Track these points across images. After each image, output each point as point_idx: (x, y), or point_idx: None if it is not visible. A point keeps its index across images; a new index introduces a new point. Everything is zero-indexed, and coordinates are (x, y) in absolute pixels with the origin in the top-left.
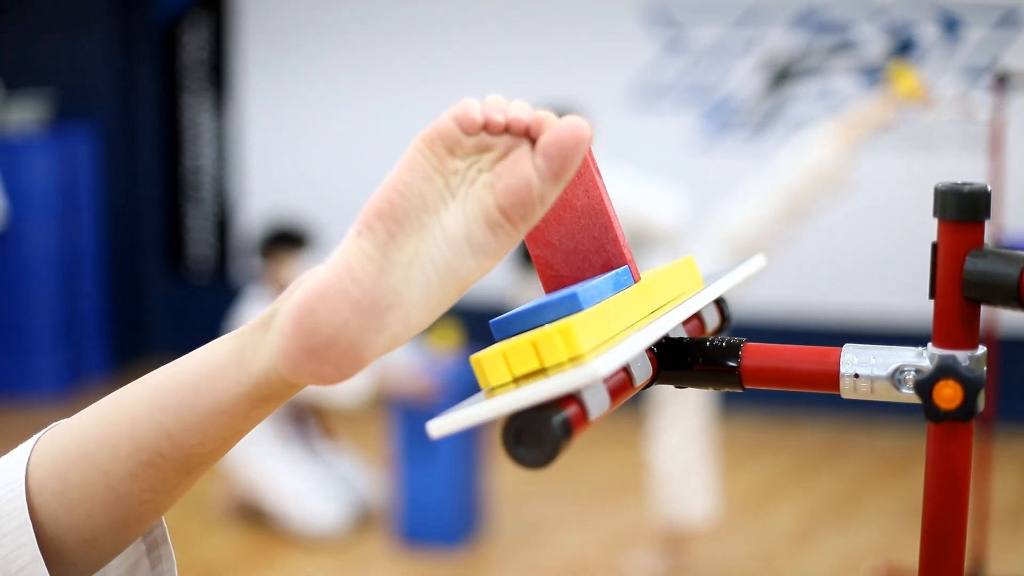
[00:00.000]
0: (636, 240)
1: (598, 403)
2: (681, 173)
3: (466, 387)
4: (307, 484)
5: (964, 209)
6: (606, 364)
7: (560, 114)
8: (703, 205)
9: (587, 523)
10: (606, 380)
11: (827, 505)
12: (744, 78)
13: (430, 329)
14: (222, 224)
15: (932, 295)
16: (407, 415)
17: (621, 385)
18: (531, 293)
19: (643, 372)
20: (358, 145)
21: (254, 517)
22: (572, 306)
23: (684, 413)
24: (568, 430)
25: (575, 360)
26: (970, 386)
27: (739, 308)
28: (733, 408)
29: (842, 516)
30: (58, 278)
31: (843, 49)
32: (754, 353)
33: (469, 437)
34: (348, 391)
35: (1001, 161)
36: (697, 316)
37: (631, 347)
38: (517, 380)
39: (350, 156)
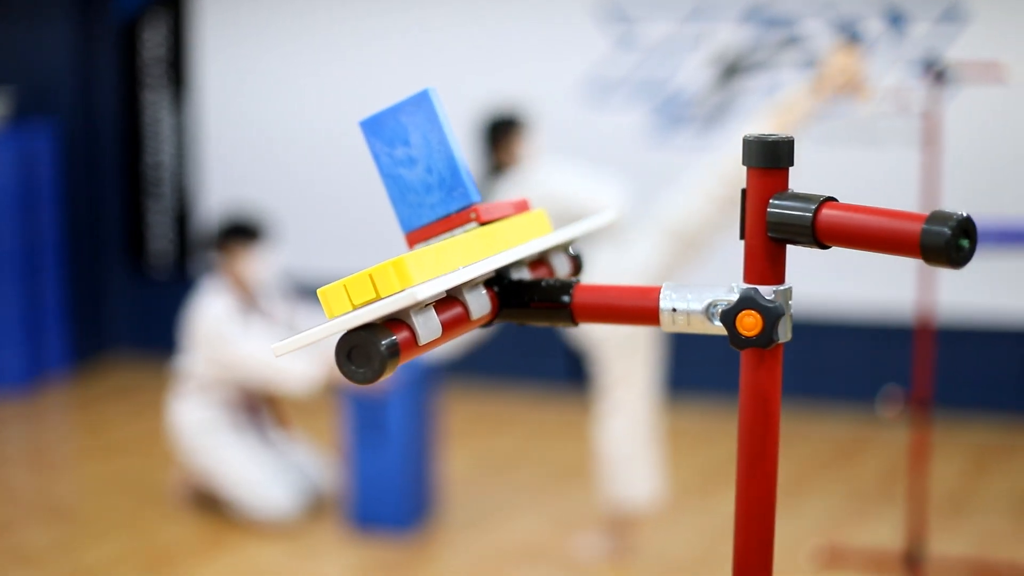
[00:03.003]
0: None
1: (429, 330)
2: (633, 167)
3: (416, 372)
4: (260, 471)
5: (768, 157)
6: (427, 289)
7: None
8: (654, 198)
9: (537, 508)
10: (440, 311)
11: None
12: (694, 73)
13: None
14: (182, 219)
15: (742, 236)
16: (358, 402)
17: (457, 318)
18: None
19: (481, 307)
20: (314, 140)
21: (208, 504)
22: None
23: (628, 398)
24: (395, 351)
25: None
26: (769, 315)
27: None
28: (682, 396)
29: (788, 500)
30: (19, 273)
31: (791, 43)
32: (584, 291)
33: (421, 423)
34: (299, 379)
35: (937, 153)
36: (547, 265)
37: (455, 277)
38: (356, 309)
39: (306, 150)
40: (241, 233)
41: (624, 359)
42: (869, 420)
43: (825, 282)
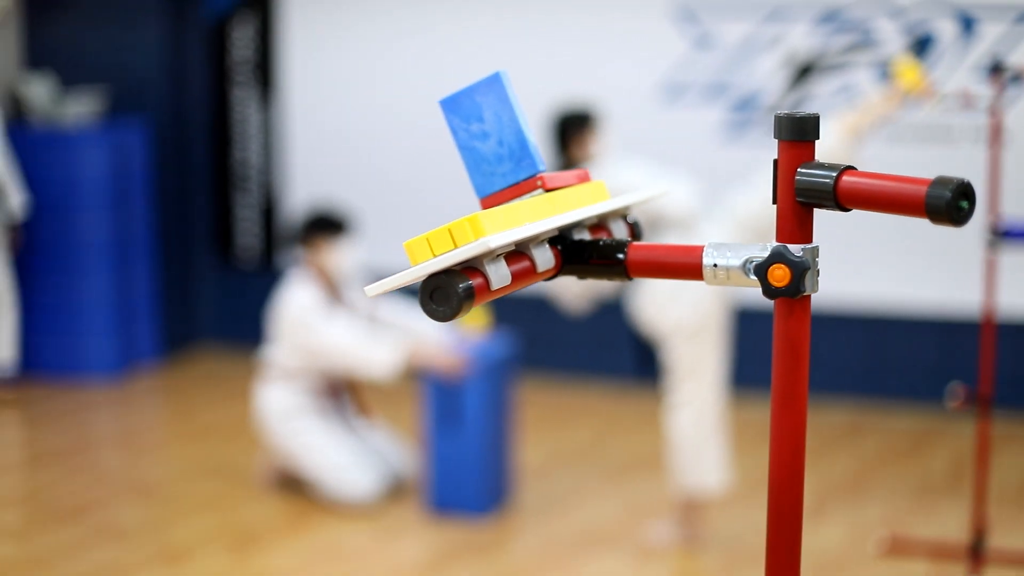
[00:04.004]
0: (650, 224)
1: (499, 277)
2: (705, 166)
3: (493, 363)
4: (343, 456)
5: (796, 131)
6: (498, 239)
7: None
8: (726, 195)
9: (609, 496)
10: (510, 263)
11: (841, 482)
12: (768, 74)
13: None
14: (268, 213)
15: (774, 201)
16: (438, 390)
17: (524, 270)
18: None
19: (545, 261)
20: (395, 137)
21: (292, 486)
22: None
23: (697, 389)
24: (471, 293)
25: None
26: (796, 268)
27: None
28: (749, 391)
29: (854, 493)
30: (111, 265)
31: (863, 47)
32: (637, 249)
33: (497, 411)
34: (381, 365)
35: (999, 151)
36: (606, 229)
37: (522, 231)
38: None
39: (387, 148)
40: (325, 226)
41: (693, 351)
42: (935, 416)
43: (893, 282)
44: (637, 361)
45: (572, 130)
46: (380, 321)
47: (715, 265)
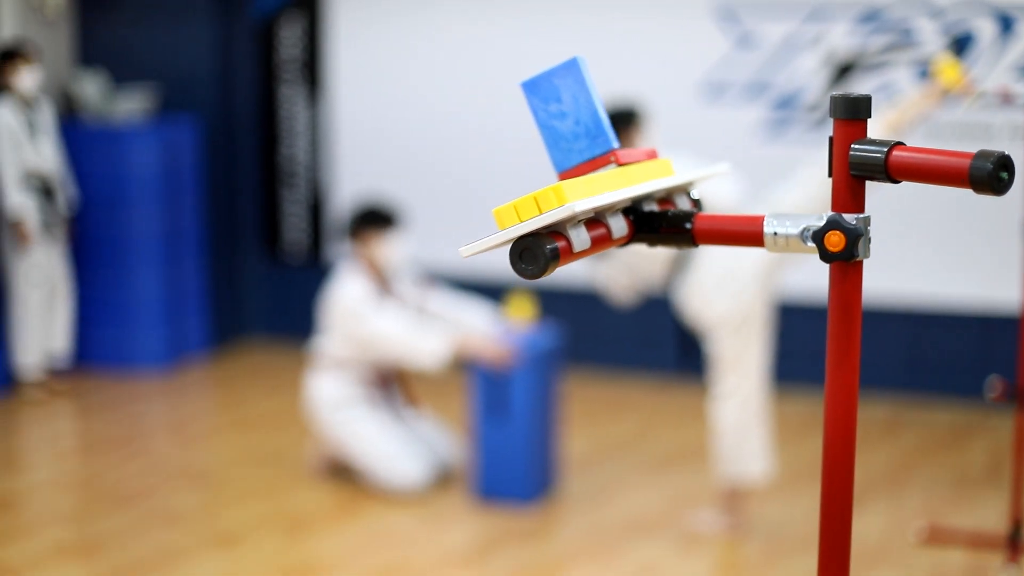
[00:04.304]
0: None
1: (580, 241)
2: (747, 162)
3: (539, 354)
4: (392, 444)
5: (850, 110)
6: (580, 205)
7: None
8: (764, 192)
9: (654, 485)
10: (589, 229)
11: (881, 474)
12: (809, 73)
13: (508, 302)
14: (315, 209)
15: (829, 174)
16: (485, 381)
17: (601, 236)
18: (602, 272)
19: (620, 229)
20: (441, 134)
21: (342, 474)
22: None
23: (743, 382)
24: (556, 254)
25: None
26: (850, 234)
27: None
28: (792, 386)
29: (894, 484)
30: (162, 260)
31: (903, 46)
32: (703, 219)
33: (543, 402)
34: (430, 354)
35: None
36: (672, 203)
37: (601, 199)
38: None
39: (433, 144)
40: (375, 220)
41: (737, 343)
42: (974, 409)
43: (933, 277)
44: (683, 350)
45: (619, 127)
46: (429, 313)
47: (775, 233)
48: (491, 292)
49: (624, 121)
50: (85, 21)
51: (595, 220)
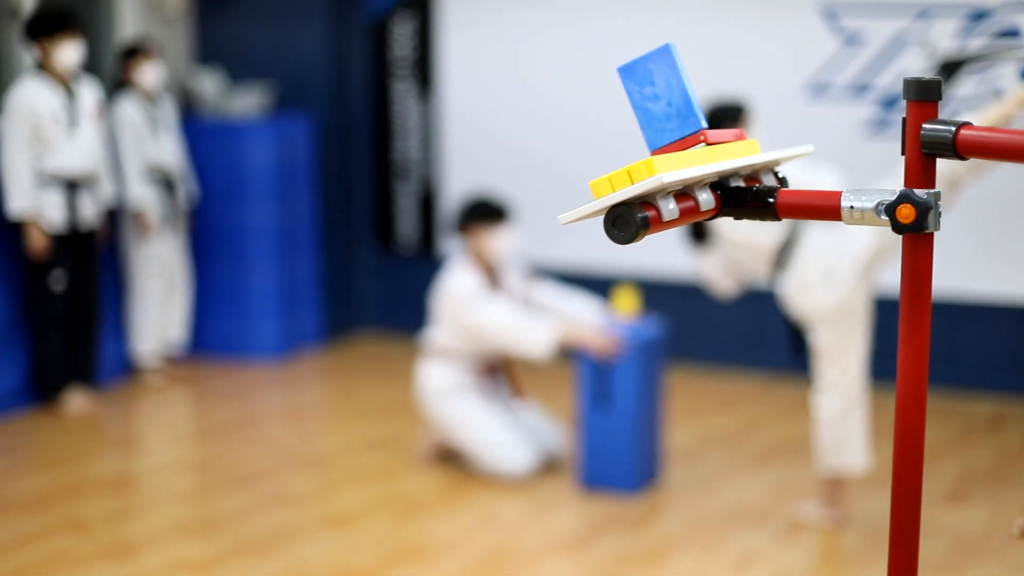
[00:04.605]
0: None
1: (669, 211)
2: (849, 161)
3: (644, 345)
4: (500, 432)
5: (921, 92)
6: (668, 176)
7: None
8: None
9: (756, 477)
10: (678, 201)
11: (984, 470)
12: (916, 73)
13: (613, 296)
14: (427, 203)
15: (903, 152)
16: (590, 371)
17: (690, 208)
18: (705, 265)
19: (707, 202)
20: (549, 129)
21: (451, 459)
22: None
23: (844, 375)
24: (646, 222)
25: None
26: (920, 207)
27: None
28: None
29: (997, 480)
30: (277, 253)
31: (1010, 46)
32: (785, 193)
33: (648, 393)
34: (539, 342)
35: None
36: (758, 180)
37: (689, 172)
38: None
39: (542, 139)
40: (485, 214)
41: (839, 336)
42: None
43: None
44: (793, 343)
45: (725, 121)
46: (535, 304)
47: (852, 207)
48: (597, 286)
49: (730, 116)
50: (204, 20)
51: (684, 194)
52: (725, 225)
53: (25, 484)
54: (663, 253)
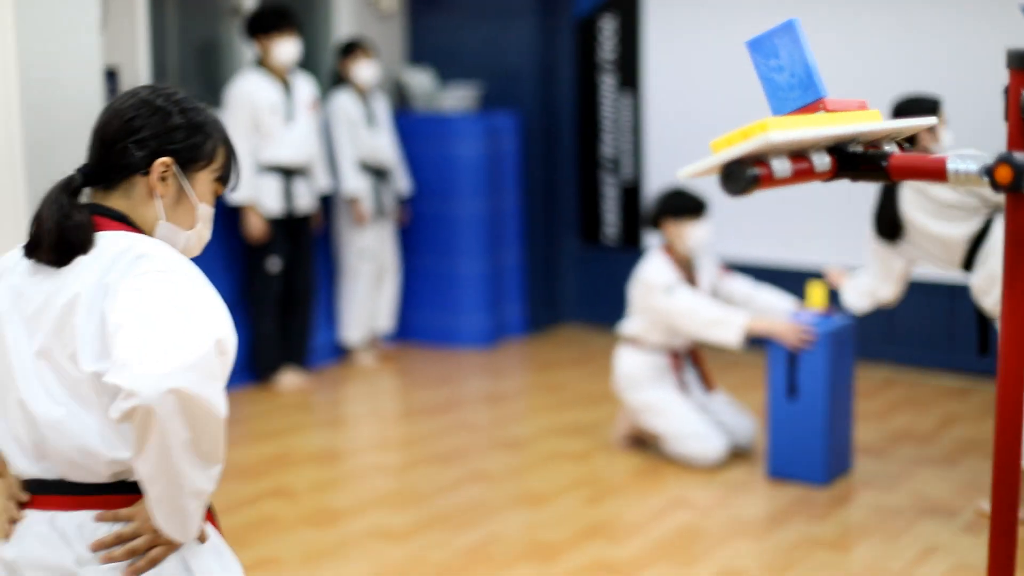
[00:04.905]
0: (983, 202)
1: (782, 170)
2: None
3: (834, 339)
4: (692, 420)
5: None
6: (776, 135)
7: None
8: None
9: (946, 474)
10: (794, 163)
11: None
12: None
13: (805, 292)
14: (629, 198)
15: (1005, 118)
16: (779, 362)
17: (804, 169)
18: (893, 260)
19: (822, 165)
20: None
21: (645, 445)
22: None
23: None
24: (756, 178)
25: None
26: (1018, 168)
27: None
28: None
29: None
30: (484, 245)
31: None
32: (896, 157)
33: (837, 386)
34: (734, 328)
35: None
36: (879, 147)
37: (799, 132)
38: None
39: None
40: (680, 207)
41: None
42: None
43: None
44: (982, 340)
45: (915, 114)
46: (727, 296)
47: (956, 170)
48: (788, 283)
49: (923, 109)
50: (416, 20)
51: (801, 156)
52: (919, 218)
53: (239, 454)
54: (857, 252)
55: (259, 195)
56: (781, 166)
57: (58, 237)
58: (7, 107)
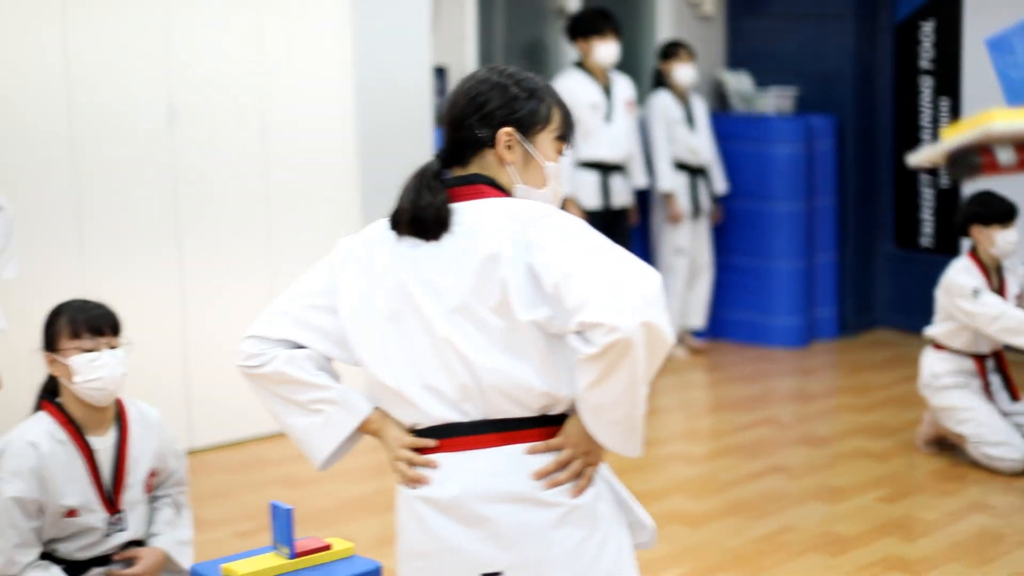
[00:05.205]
0: None
1: (1007, 157)
2: None
3: None
4: (996, 424)
5: None
6: (997, 126)
7: None
8: None
9: None
10: (1019, 152)
11: None
12: None
13: None
14: (948, 202)
15: None
16: None
17: None
18: None
19: None
20: None
21: (949, 448)
22: None
23: None
24: (978, 164)
25: None
26: None
27: None
28: None
29: None
30: (799, 247)
31: None
32: None
33: None
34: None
35: None
36: None
37: (1019, 124)
38: None
39: None
40: (988, 213)
41: None
42: None
43: None
44: None
45: None
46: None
47: None
48: None
49: None
50: (735, 23)
51: None
52: None
53: None
54: None
55: (577, 190)
56: (1006, 155)
57: (412, 216)
58: (344, 103)
